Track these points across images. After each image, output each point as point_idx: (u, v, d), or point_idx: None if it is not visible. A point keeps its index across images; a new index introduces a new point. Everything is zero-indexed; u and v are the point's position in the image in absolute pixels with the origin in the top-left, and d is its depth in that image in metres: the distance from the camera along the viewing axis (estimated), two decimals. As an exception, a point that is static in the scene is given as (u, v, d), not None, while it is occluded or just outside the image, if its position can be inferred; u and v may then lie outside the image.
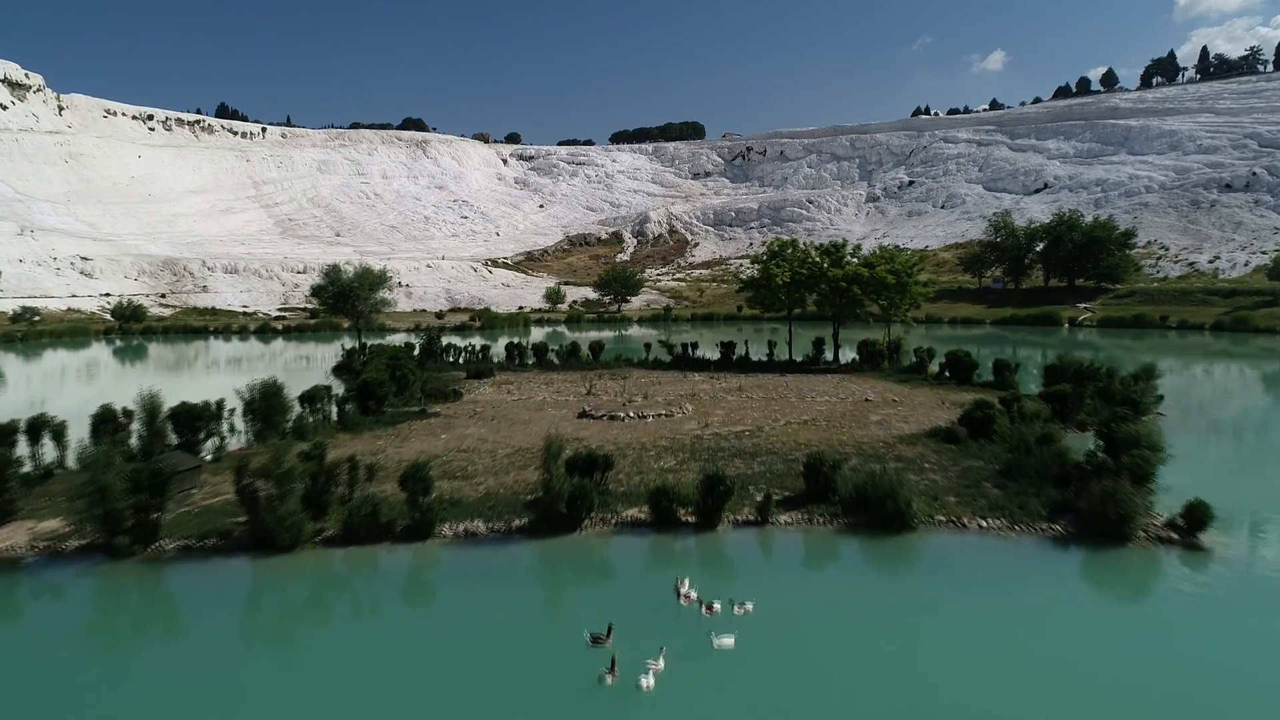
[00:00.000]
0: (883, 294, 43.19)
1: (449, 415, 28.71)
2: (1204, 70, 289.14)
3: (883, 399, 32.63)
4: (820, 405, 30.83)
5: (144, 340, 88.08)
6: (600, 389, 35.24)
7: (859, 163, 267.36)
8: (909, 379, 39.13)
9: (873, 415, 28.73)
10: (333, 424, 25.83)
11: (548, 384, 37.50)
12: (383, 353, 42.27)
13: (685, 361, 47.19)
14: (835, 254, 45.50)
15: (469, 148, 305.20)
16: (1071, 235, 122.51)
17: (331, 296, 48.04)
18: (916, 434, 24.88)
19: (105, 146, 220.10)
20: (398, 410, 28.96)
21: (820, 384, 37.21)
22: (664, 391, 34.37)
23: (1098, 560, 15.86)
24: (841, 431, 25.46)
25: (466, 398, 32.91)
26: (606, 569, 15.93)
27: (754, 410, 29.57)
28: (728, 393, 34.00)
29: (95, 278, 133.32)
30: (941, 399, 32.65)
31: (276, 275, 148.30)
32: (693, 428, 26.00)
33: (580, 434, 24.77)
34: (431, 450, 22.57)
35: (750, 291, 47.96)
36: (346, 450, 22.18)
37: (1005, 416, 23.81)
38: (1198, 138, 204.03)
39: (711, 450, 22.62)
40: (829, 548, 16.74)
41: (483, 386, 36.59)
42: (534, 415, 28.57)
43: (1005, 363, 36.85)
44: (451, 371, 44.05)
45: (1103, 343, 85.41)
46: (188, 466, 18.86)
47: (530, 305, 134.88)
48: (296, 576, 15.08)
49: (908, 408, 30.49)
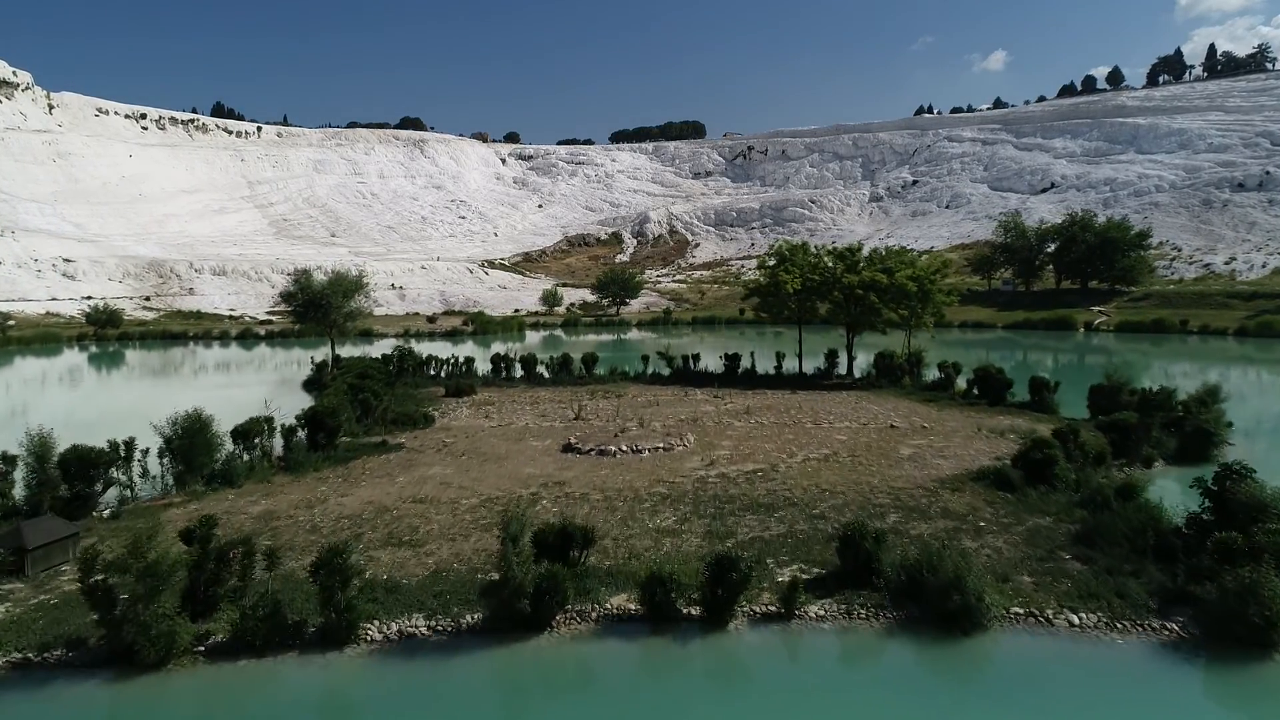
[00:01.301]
0: (903, 302, 39.31)
1: (414, 448, 24.81)
2: (1211, 68, 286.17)
3: (910, 424, 28.75)
4: (841, 434, 26.96)
5: (120, 347, 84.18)
6: (591, 411, 31.35)
7: (862, 162, 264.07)
8: (934, 398, 35.22)
9: (903, 447, 24.87)
10: (273, 463, 21.99)
11: (534, 403, 33.59)
12: (352, 368, 38.41)
13: (686, 375, 43.30)
14: (850, 259, 41.56)
15: (467, 147, 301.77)
16: (1084, 236, 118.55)
17: (301, 305, 44.13)
18: (960, 475, 21.03)
19: (95, 145, 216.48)
20: (355, 442, 25.07)
21: (836, 404, 33.34)
22: (663, 415, 30.51)
23: (1235, 679, 11.94)
24: (870, 471, 21.61)
25: (439, 424, 29.00)
26: (584, 684, 12.09)
27: (765, 441, 25.69)
28: (734, 416, 30.12)
29: (78, 280, 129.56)
30: (976, 425, 28.77)
31: (266, 277, 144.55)
32: (695, 466, 22.16)
33: (563, 475, 20.96)
34: (381, 500, 18.74)
35: (757, 299, 44.07)
36: (282, 498, 18.40)
37: (1062, 453, 19.98)
38: (1208, 136, 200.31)
39: (719, 500, 18.76)
40: (874, 653, 12.81)
41: (460, 408, 32.68)
42: (512, 449, 24.69)
43: (1044, 381, 32.93)
44: (430, 387, 40.17)
45: (1122, 348, 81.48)
46: (55, 538, 14.94)
47: (527, 308, 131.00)
48: (161, 707, 11.18)
49: (940, 437, 26.62)
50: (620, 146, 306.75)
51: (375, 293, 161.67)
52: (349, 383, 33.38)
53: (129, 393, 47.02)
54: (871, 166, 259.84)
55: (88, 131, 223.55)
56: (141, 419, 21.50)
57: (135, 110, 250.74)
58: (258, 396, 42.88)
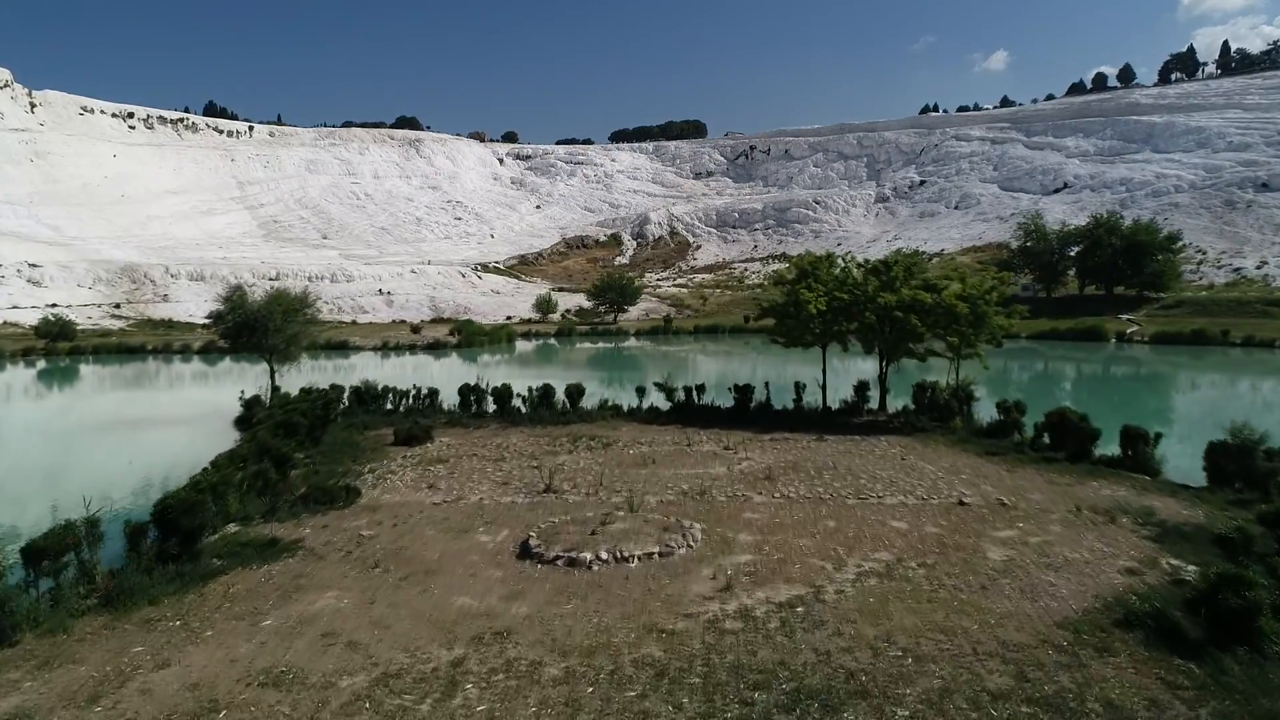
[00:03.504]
0: (951, 327, 32.50)
1: (314, 550, 17.95)
2: (1225, 65, 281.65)
3: (984, 499, 21.93)
4: (897, 517, 20.13)
5: (73, 362, 77.49)
6: (568, 474, 24.51)
7: (867, 162, 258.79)
8: (998, 449, 28.32)
9: (989, 546, 18.07)
10: (93, 585, 15.28)
11: (498, 462, 26.75)
12: (287, 405, 31.62)
13: (689, 411, 36.42)
14: (885, 274, 34.68)
15: (464, 147, 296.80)
16: (1110, 239, 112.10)
17: (232, 328, 37.40)
18: (1095, 614, 14.23)
19: (76, 145, 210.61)
20: (236, 539, 18.19)
21: (878, 460, 26.51)
22: (660, 481, 23.71)
23: None
24: (958, 601, 14.79)
25: (366, 498, 22.11)
26: None
27: (799, 534, 18.87)
28: (752, 485, 23.28)
29: (44, 286, 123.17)
30: (1069, 500, 21.89)
31: (246, 283, 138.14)
32: (705, 591, 15.40)
33: (510, 615, 14.11)
34: (215, 679, 11.70)
35: (773, 320, 37.21)
36: (61, 676, 11.43)
37: (1268, 594, 13.24)
38: (1227, 134, 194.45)
39: (742, 675, 11.92)
40: None
41: (404, 469, 25.80)
42: (450, 551, 17.82)
43: (1139, 431, 26.10)
44: (380, 429, 33.32)
45: (1164, 362, 74.73)
46: None
47: (520, 314, 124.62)
48: None
49: (1033, 523, 19.79)
50: (620, 146, 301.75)
51: (361, 299, 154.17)
52: (270, 430, 26.58)
53: (31, 440, 39.85)
54: (877, 166, 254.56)
55: (70, 130, 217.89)
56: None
57: (122, 109, 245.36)
58: (174, 444, 35.97)
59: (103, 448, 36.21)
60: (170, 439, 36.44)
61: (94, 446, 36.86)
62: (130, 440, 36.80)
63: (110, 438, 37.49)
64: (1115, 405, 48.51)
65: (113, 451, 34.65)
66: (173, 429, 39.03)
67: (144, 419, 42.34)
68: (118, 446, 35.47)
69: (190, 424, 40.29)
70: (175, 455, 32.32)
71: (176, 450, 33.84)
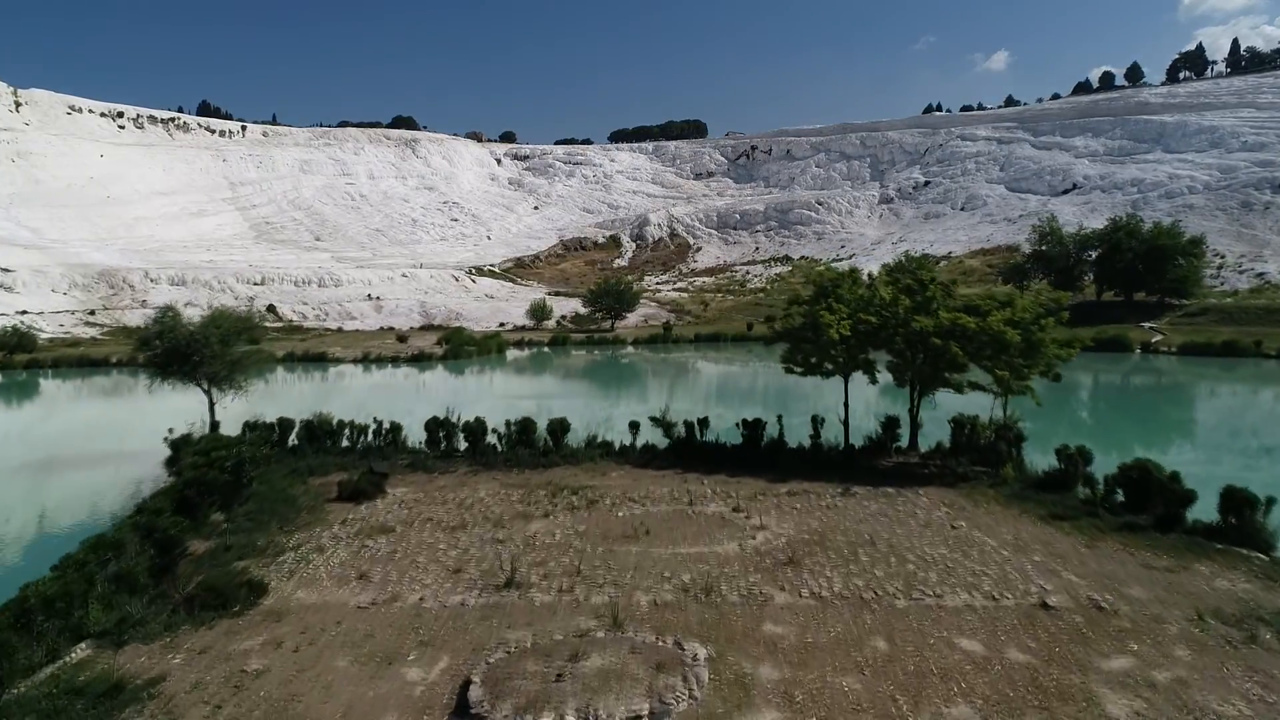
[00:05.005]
0: (1000, 357, 27.55)
1: (168, 703, 13.05)
2: (1235, 64, 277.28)
3: (1071, 596, 16.96)
4: (969, 638, 15.16)
5: (29, 376, 72.57)
6: (535, 561, 19.53)
7: (870, 162, 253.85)
8: (1064, 511, 23.28)
9: (1106, 694, 13.10)
10: None
11: (455, 531, 21.77)
12: (208, 451, 26.54)
13: (690, 450, 31.43)
14: (920, 293, 29.68)
15: (461, 147, 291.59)
16: (1130, 243, 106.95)
17: (160, 354, 32.50)
18: None
19: (61, 145, 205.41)
20: (54, 689, 13.26)
21: (923, 530, 21.51)
22: (653, 569, 18.77)
23: None
24: None
25: (271, 598, 17.17)
26: None
27: (843, 671, 13.91)
28: (772, 576, 18.29)
29: (16, 292, 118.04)
30: (1187, 600, 16.83)
31: (230, 288, 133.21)
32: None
33: None
34: None
35: (789, 343, 32.25)
36: None
37: None
38: (1241, 134, 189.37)
39: None
40: None
41: (336, 545, 20.81)
42: (357, 706, 12.89)
43: (1244, 495, 21.12)
44: (331, 473, 28.37)
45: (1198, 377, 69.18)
46: None
47: (514, 320, 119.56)
48: None
49: (1152, 643, 14.80)
50: (619, 146, 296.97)
51: (348, 304, 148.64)
52: (171, 496, 21.65)
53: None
54: (881, 166, 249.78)
55: (55, 130, 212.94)
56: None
57: (112, 109, 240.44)
58: (83, 494, 30.71)
59: (33, 489, 31.25)
60: (82, 486, 31.33)
61: (29, 482, 31.95)
62: (34, 488, 31.70)
63: (10, 485, 32.32)
64: (1176, 439, 43.40)
65: (51, 497, 29.74)
66: (92, 471, 33.88)
67: (60, 459, 37.09)
68: (11, 498, 30.29)
69: (116, 463, 35.03)
70: (77, 512, 27.26)
71: (82, 503, 28.67)
